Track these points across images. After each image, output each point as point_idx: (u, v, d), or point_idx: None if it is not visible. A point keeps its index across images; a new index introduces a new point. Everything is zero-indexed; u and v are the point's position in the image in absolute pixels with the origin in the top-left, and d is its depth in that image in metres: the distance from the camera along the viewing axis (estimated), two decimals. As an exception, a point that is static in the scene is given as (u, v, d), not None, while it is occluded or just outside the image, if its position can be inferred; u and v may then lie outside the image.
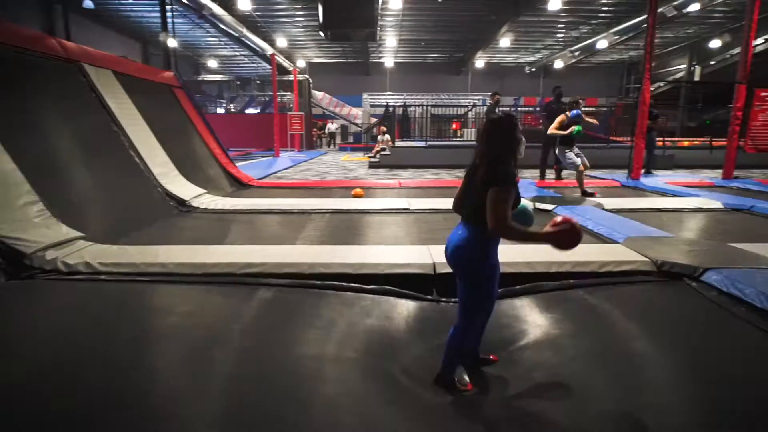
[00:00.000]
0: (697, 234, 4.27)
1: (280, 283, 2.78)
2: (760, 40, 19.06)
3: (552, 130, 6.34)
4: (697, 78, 22.52)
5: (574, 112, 6.08)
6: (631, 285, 2.88)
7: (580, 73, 26.80)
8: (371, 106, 24.64)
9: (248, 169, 9.07)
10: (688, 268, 2.91)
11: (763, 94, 8.13)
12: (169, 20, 7.59)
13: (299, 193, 6.77)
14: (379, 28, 14.66)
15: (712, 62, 22.99)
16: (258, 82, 26.51)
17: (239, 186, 7.27)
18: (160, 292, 2.72)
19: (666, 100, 23.58)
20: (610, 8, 17.32)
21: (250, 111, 25.15)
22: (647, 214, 5.08)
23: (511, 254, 3.11)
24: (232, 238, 4.08)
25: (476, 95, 25.70)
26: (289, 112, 18.37)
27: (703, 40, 22.09)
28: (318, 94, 24.33)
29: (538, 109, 21.01)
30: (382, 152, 12.45)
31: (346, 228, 4.49)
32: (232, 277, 2.88)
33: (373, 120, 22.04)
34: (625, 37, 19.38)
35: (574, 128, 5.97)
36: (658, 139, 10.40)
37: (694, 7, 14.86)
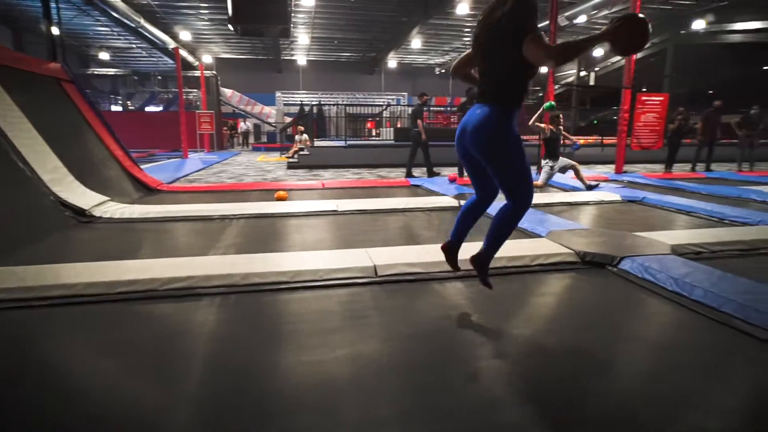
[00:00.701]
0: (606, 225, 4.64)
1: (214, 293, 2.55)
2: (634, 50, 21.54)
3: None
4: (592, 82, 24.92)
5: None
6: (560, 273, 3.06)
7: (485, 76, 28.37)
8: (285, 104, 23.97)
9: (155, 172, 8.33)
10: (607, 257, 3.16)
11: (644, 98, 9.20)
12: (52, 3, 6.67)
13: (216, 197, 6.34)
14: (291, 25, 14.26)
15: (597, 68, 25.63)
16: (159, 77, 24.55)
17: (147, 191, 6.63)
18: (65, 317, 2.34)
19: (559, 101, 25.86)
20: (511, 15, 18.53)
21: (151, 109, 23.19)
22: (560, 208, 5.48)
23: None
24: (147, 251, 3.67)
25: (390, 95, 26.14)
26: (198, 111, 17.22)
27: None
28: (227, 92, 23.14)
29: (450, 108, 21.85)
30: (301, 152, 12.15)
31: (274, 233, 4.27)
32: (154, 293, 2.58)
33: (287, 119, 21.46)
34: (524, 43, 20.87)
35: (545, 104, 6.61)
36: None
37: (582, 19, 16.44)
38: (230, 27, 11.64)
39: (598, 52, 23.80)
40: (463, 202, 5.44)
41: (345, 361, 1.92)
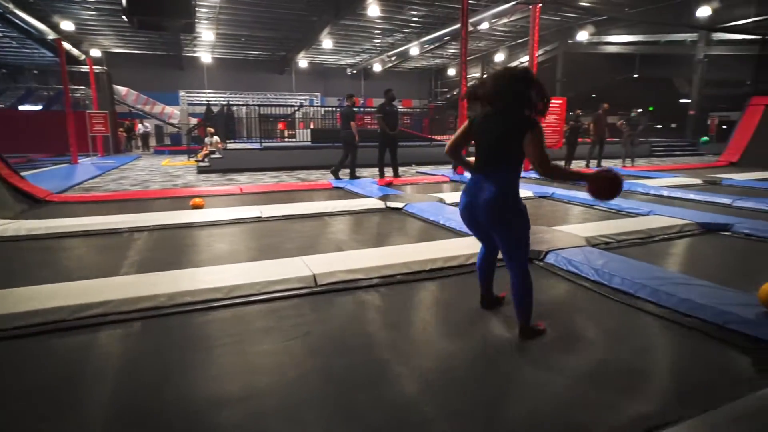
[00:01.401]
0: None
1: (136, 318, 2.27)
2: (540, 51, 23.35)
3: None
4: None
5: None
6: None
7: (396, 77, 29.00)
8: (189, 104, 22.44)
9: (40, 180, 7.31)
10: (534, 253, 3.34)
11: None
12: None
13: (119, 207, 5.71)
14: (195, 20, 13.36)
15: (498, 72, 27.32)
16: (36, 72, 21.68)
17: (32, 202, 5.80)
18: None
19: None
20: (419, 19, 19.11)
21: (26, 107, 20.41)
22: (480, 205, 5.74)
23: (389, 258, 3.14)
24: (44, 275, 3.16)
25: (302, 95, 25.66)
26: (89, 111, 15.46)
27: (490, 53, 26.07)
28: (121, 90, 21.11)
29: (363, 110, 21.99)
30: (212, 155, 11.45)
31: (196, 245, 3.94)
32: (62, 324, 2.23)
33: (193, 120, 20.14)
34: (432, 47, 21.70)
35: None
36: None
37: (485, 26, 17.45)
38: (125, 18, 10.59)
39: (499, 56, 25.40)
40: (390, 203, 5.51)
41: (300, 385, 1.81)
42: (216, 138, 11.98)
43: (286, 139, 16.07)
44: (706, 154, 14.93)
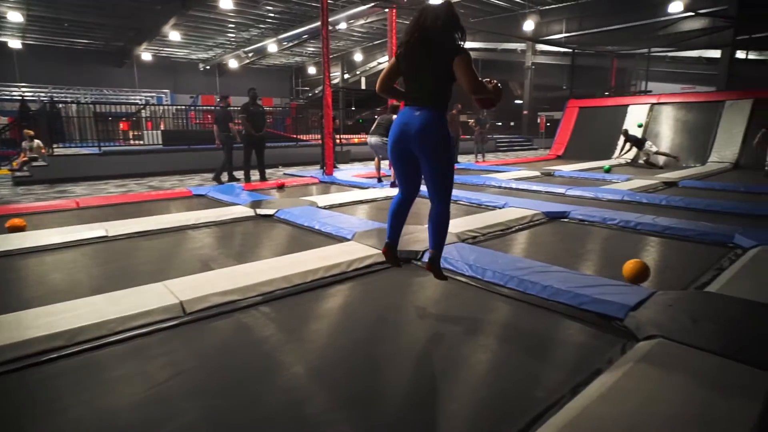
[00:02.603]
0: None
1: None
2: (384, 58, 24.36)
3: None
4: (363, 86, 26.93)
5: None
6: (375, 274, 3.18)
7: (254, 74, 27.81)
8: (-3, 100, 18.54)
9: None
10: (412, 253, 3.43)
11: (406, 101, 10.47)
12: None
13: None
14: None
15: (358, 72, 28.03)
16: None
17: None
18: None
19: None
20: (277, 16, 18.55)
21: None
22: (355, 206, 5.75)
23: (266, 273, 2.92)
24: None
25: (148, 92, 23.09)
26: None
27: (349, 53, 26.54)
28: None
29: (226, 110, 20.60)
30: (33, 164, 9.58)
31: (20, 279, 3.18)
32: None
33: (2, 119, 16.69)
34: (291, 44, 21.25)
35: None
36: (336, 136, 11.91)
37: (343, 26, 17.67)
38: None
39: (358, 57, 26.02)
40: (260, 210, 5.19)
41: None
42: (37, 142, 10.03)
43: (132, 142, 14.26)
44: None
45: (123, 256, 3.66)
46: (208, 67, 26.65)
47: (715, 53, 15.17)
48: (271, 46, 20.92)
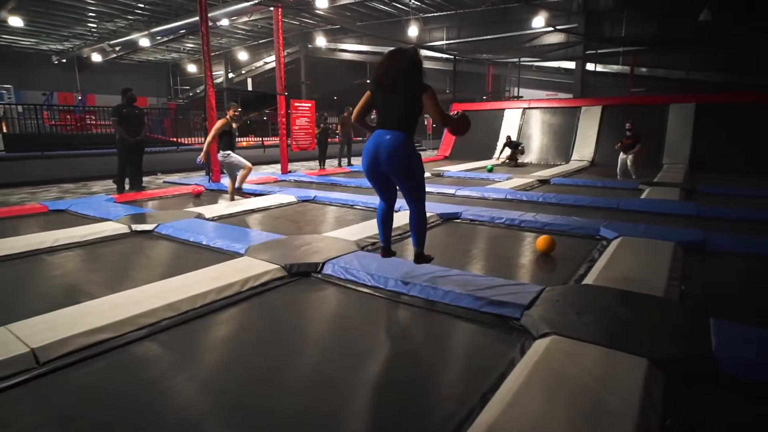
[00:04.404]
0: (294, 228, 4.80)
1: None
2: (271, 58, 23.66)
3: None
4: (250, 87, 25.58)
5: None
6: (273, 291, 2.97)
7: (123, 70, 25.11)
8: None
9: None
10: (311, 266, 3.28)
11: (297, 104, 10.17)
12: None
13: None
14: None
15: (243, 71, 26.76)
16: None
17: None
18: None
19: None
20: (148, 7, 16.89)
21: None
22: (247, 216, 5.39)
23: (147, 301, 2.55)
24: None
25: (-16, 87, 19.49)
26: None
27: (233, 52, 25.22)
28: None
29: (82, 107, 18.26)
30: None
31: None
32: None
33: None
34: (166, 39, 19.51)
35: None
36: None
37: (225, 22, 16.68)
38: None
39: (243, 56, 24.85)
40: (136, 226, 4.59)
41: None
42: None
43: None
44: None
45: (-50, 295, 2.94)
46: (64, 61, 23.28)
47: (571, 64, 17.26)
48: (143, 41, 18.93)
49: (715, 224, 4.67)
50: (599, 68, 17.33)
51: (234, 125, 6.08)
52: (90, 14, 17.53)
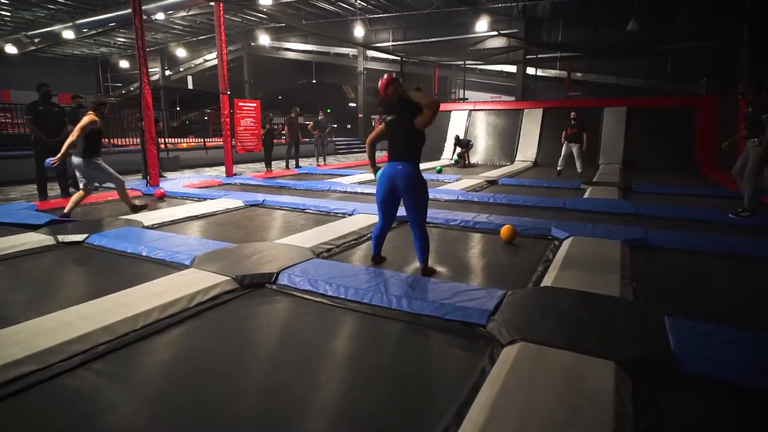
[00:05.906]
0: (244, 235, 4.50)
1: None
2: (212, 56, 22.70)
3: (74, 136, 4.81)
4: (190, 85, 24.30)
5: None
6: (222, 306, 2.75)
7: (44, 64, 23.17)
8: None
9: None
10: (265, 276, 3.08)
11: (241, 103, 9.75)
12: None
13: None
14: None
15: (181, 68, 25.48)
16: None
17: None
18: None
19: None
20: (71, -4, 15.64)
21: None
22: (191, 223, 5.05)
23: (79, 325, 2.27)
24: None
25: None
26: None
27: (169, 48, 23.95)
28: None
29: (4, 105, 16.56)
30: None
31: None
32: None
33: None
34: (94, 32, 18.16)
35: None
36: (161, 141, 10.54)
37: (160, 16, 15.76)
38: None
39: (181, 53, 23.68)
40: (63, 237, 4.14)
41: None
42: None
43: None
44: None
45: None
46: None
47: (513, 68, 17.87)
48: (67, 32, 17.47)
49: (653, 222, 4.94)
50: (539, 72, 18.08)
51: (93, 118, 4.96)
52: (3, 2, 15.97)
